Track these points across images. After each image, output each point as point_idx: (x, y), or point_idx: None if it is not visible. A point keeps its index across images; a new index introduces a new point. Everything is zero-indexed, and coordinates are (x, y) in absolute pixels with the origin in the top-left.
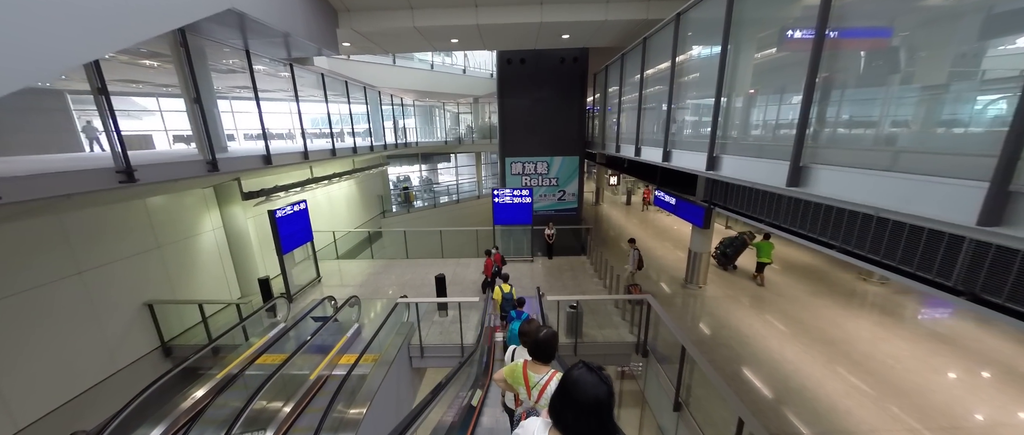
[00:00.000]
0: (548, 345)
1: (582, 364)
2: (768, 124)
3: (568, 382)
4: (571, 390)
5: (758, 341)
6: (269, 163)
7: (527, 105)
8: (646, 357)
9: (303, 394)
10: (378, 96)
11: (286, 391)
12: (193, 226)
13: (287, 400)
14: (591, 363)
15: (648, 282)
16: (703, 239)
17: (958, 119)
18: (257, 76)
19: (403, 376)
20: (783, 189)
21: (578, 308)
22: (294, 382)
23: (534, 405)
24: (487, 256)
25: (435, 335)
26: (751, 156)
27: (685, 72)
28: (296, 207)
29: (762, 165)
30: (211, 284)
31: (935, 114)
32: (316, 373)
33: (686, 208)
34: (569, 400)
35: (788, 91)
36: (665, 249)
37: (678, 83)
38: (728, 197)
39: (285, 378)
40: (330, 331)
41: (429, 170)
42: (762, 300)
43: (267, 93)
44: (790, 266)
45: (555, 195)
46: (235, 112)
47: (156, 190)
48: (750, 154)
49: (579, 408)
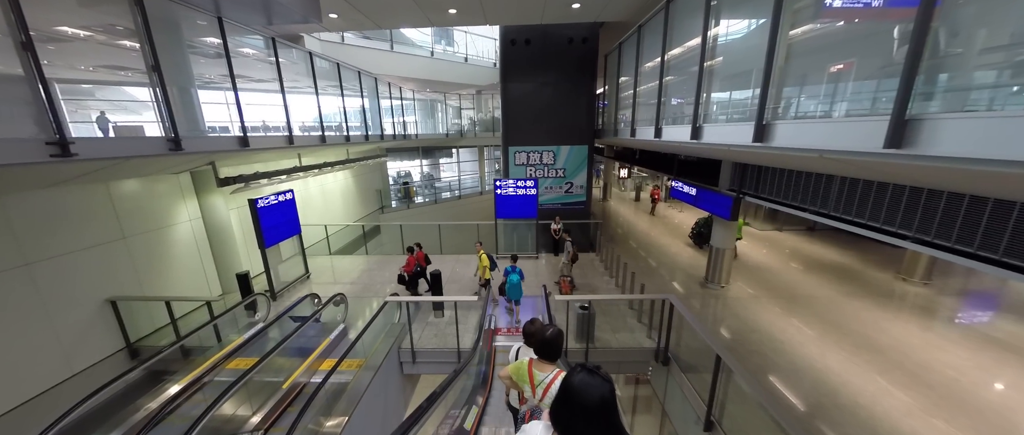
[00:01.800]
0: (554, 344)
1: (580, 368)
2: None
3: (571, 389)
4: (576, 396)
5: (794, 347)
6: (246, 145)
7: (532, 90)
8: (667, 365)
9: (276, 404)
10: (374, 83)
11: (256, 400)
12: (166, 216)
13: (256, 410)
14: (588, 364)
15: (660, 280)
16: (727, 233)
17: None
18: (251, 62)
19: (392, 384)
20: (886, 155)
21: (590, 309)
22: (265, 390)
23: (538, 403)
24: (409, 253)
25: (429, 338)
26: (822, 120)
27: (724, 29)
28: (282, 197)
29: (851, 127)
30: (187, 280)
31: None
32: (291, 380)
33: (709, 199)
34: (576, 406)
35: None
36: (678, 246)
37: (715, 43)
38: (761, 183)
39: (255, 385)
40: (312, 332)
41: (430, 165)
42: (793, 301)
43: (261, 83)
44: (817, 265)
45: (562, 187)
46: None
47: (117, 172)
48: (825, 117)
49: (588, 412)
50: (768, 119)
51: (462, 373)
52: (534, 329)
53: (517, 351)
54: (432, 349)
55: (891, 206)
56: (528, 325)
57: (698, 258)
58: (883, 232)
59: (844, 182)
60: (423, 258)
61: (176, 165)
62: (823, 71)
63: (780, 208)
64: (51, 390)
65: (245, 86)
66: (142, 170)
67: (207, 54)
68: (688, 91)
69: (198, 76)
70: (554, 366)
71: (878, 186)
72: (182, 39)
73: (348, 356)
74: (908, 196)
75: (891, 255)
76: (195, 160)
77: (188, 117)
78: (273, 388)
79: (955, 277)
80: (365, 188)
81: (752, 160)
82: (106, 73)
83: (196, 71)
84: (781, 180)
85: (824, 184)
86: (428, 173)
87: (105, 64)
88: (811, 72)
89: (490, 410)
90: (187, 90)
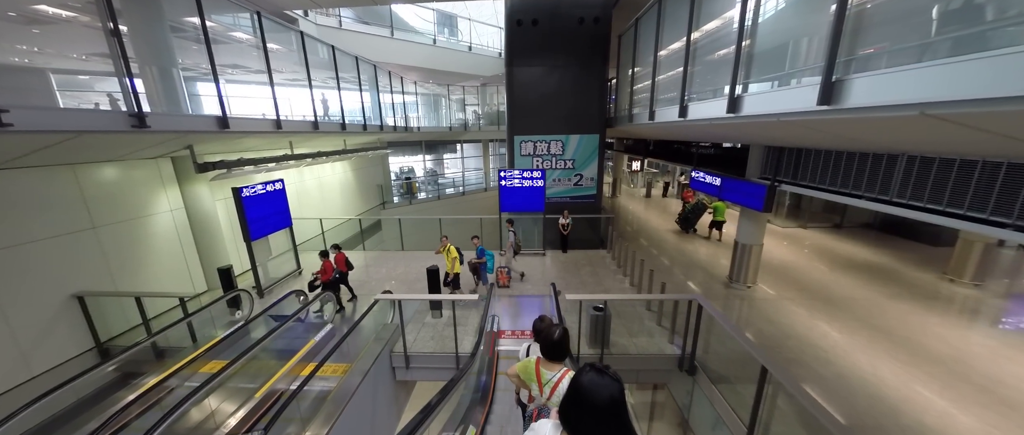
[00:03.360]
0: (562, 346)
1: (589, 367)
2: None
3: (581, 389)
4: (586, 396)
5: (839, 356)
6: (226, 127)
7: (540, 75)
8: (693, 374)
9: (248, 413)
10: (373, 70)
11: (227, 409)
12: (143, 205)
13: (224, 421)
14: (597, 364)
15: (677, 280)
16: (756, 227)
17: None
18: (238, 46)
19: (383, 391)
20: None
21: (605, 310)
22: (237, 397)
23: (546, 402)
24: (324, 258)
25: (426, 340)
26: (932, 64)
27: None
28: (270, 187)
29: (982, 67)
30: (167, 275)
31: None
32: (267, 386)
33: (738, 189)
34: (586, 406)
35: None
36: (695, 243)
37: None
38: (801, 169)
39: (226, 393)
40: (296, 333)
41: (434, 160)
42: (830, 303)
43: (244, 57)
44: (850, 264)
45: (571, 179)
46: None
47: (82, 154)
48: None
49: (597, 412)
50: (842, 74)
51: (461, 381)
52: (543, 326)
53: (528, 348)
54: (428, 353)
55: (981, 190)
56: (537, 322)
57: (717, 255)
58: (973, 220)
59: (913, 162)
60: (343, 262)
61: (146, 146)
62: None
63: (826, 196)
64: (5, 394)
65: (224, 57)
66: (111, 152)
67: (186, 29)
68: (721, 60)
69: (185, 58)
70: (561, 365)
71: (962, 166)
72: (156, 9)
73: (333, 360)
74: (1006, 174)
75: (932, 254)
76: (170, 143)
77: (168, 97)
78: (247, 395)
79: (1010, 278)
80: (365, 183)
81: (797, 140)
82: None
83: (182, 56)
84: (828, 163)
85: (884, 165)
86: (431, 169)
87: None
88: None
89: (490, 431)
90: (166, 69)
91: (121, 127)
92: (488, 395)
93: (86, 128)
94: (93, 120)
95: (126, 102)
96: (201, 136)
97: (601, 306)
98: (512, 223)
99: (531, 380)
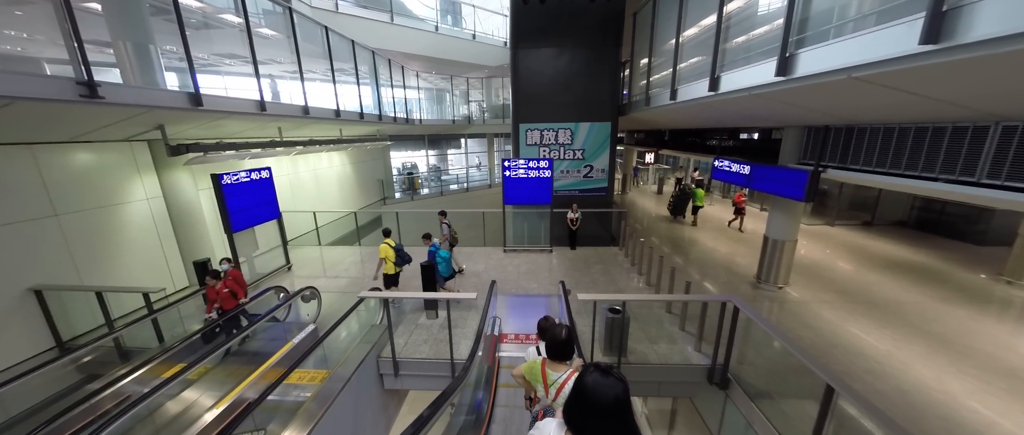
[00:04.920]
0: (567, 346)
1: (593, 368)
2: None
3: (585, 389)
4: (590, 396)
5: (897, 368)
6: (199, 104)
7: (547, 58)
8: (725, 388)
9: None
10: (371, 57)
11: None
12: (114, 192)
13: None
14: (601, 364)
15: (692, 278)
16: (789, 221)
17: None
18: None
19: (368, 402)
20: None
21: (623, 313)
22: (197, 407)
23: (551, 403)
24: (214, 278)
25: (419, 344)
26: None
27: None
28: (256, 175)
29: None
30: (142, 270)
31: None
32: (234, 394)
33: (772, 177)
34: (590, 407)
35: None
36: (717, 239)
37: None
38: (854, 151)
39: (184, 401)
40: (274, 334)
41: (437, 155)
42: (874, 307)
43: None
44: (888, 264)
45: (580, 171)
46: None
47: (36, 132)
48: None
49: (602, 412)
50: (952, 3)
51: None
52: (548, 325)
53: (538, 348)
54: (420, 359)
55: None
56: (542, 321)
57: (738, 251)
58: None
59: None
60: (238, 280)
61: (106, 123)
62: None
63: (888, 182)
64: None
65: (203, 34)
66: (68, 129)
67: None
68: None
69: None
70: (567, 366)
71: None
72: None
73: (307, 366)
74: None
75: (978, 254)
76: (137, 122)
77: (143, 69)
78: (206, 405)
79: None
80: (365, 177)
81: (880, 114)
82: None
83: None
84: (888, 142)
85: (970, 139)
86: (434, 165)
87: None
88: None
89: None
90: (142, 45)
91: (67, 96)
92: (486, 416)
93: (20, 94)
94: (30, 86)
95: (74, 68)
96: (173, 116)
97: (618, 308)
98: (445, 215)
99: (536, 381)
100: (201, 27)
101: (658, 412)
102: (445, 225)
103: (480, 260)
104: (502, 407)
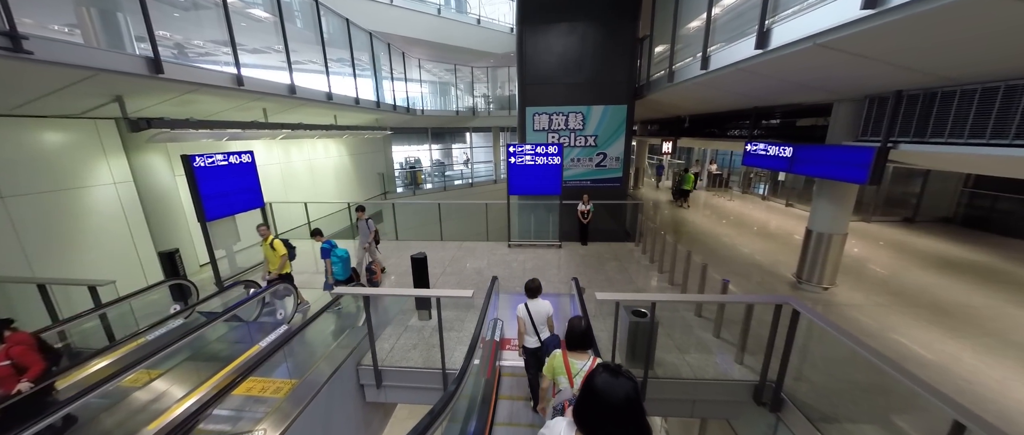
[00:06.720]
0: (588, 335)
1: (602, 368)
2: None
3: (595, 390)
4: (600, 396)
5: (991, 388)
6: (160, 72)
7: (557, 35)
8: (777, 410)
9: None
10: (369, 38)
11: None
12: (74, 174)
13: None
14: (610, 364)
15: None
16: (838, 211)
17: None
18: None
19: (344, 419)
20: None
21: (651, 317)
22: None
23: (576, 393)
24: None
25: (407, 350)
26: None
27: None
28: (236, 158)
29: None
30: (109, 261)
31: None
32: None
33: (821, 159)
34: (601, 407)
35: None
36: (743, 235)
37: None
38: (937, 121)
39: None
40: (239, 335)
41: (441, 149)
42: (941, 313)
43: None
44: (942, 263)
45: (592, 159)
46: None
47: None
48: None
49: (613, 411)
50: None
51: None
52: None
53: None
54: (408, 369)
55: None
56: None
57: (765, 248)
58: None
59: None
60: (29, 352)
61: (46, 89)
62: None
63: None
64: None
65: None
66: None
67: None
68: None
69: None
70: (588, 355)
71: None
72: None
73: (269, 373)
74: None
75: None
76: (86, 90)
77: (108, 36)
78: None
79: None
80: (365, 170)
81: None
82: None
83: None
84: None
85: None
86: (438, 159)
87: None
88: None
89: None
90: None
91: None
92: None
93: None
94: None
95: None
96: (131, 84)
97: (644, 310)
98: (363, 211)
99: (560, 372)
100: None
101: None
102: (366, 221)
103: (482, 256)
104: (502, 426)
